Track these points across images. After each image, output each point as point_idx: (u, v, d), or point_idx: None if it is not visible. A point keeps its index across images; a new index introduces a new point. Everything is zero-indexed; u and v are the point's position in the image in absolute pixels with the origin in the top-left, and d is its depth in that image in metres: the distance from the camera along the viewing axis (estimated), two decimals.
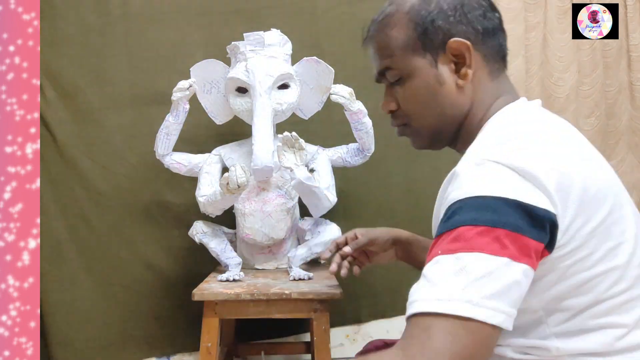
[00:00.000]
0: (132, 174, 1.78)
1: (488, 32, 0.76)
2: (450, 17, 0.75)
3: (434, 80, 0.76)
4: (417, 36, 0.76)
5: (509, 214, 0.59)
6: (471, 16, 0.75)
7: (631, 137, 2.09)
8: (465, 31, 0.75)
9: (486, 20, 0.77)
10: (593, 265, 0.64)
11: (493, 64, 0.77)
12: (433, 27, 0.75)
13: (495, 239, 0.58)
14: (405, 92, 0.79)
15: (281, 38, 1.51)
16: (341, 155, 1.60)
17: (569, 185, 0.62)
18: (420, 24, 0.76)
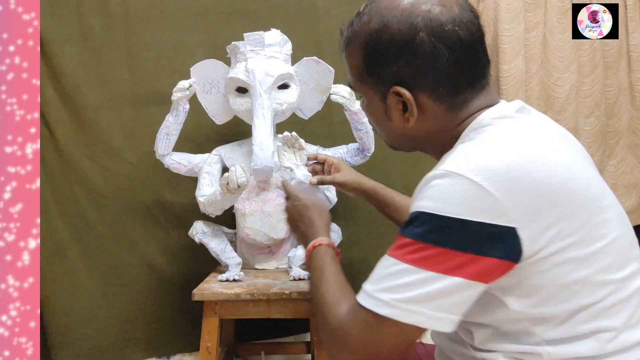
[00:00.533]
0: (132, 174, 1.78)
1: (441, 74, 0.72)
2: (393, 65, 0.73)
3: (382, 112, 0.78)
4: (367, 70, 0.76)
5: (456, 234, 0.63)
6: (420, 61, 0.71)
7: (631, 137, 2.09)
8: (414, 75, 0.72)
9: (439, 63, 0.71)
10: (572, 271, 0.65)
11: (455, 97, 0.74)
12: (382, 69, 0.74)
13: (431, 255, 0.64)
14: (365, 107, 0.84)
15: (281, 38, 1.51)
16: (341, 155, 1.60)
17: (536, 197, 0.64)
18: (371, 58, 0.75)
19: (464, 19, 0.72)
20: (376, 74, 0.75)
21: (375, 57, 0.74)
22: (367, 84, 0.78)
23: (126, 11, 1.78)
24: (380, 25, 0.73)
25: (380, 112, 0.78)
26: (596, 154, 2.04)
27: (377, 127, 0.84)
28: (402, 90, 0.73)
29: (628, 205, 2.08)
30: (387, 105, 0.76)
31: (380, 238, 1.79)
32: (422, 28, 0.71)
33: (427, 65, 0.71)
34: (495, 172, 0.64)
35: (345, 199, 1.74)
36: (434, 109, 0.74)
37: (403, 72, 0.73)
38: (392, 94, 0.74)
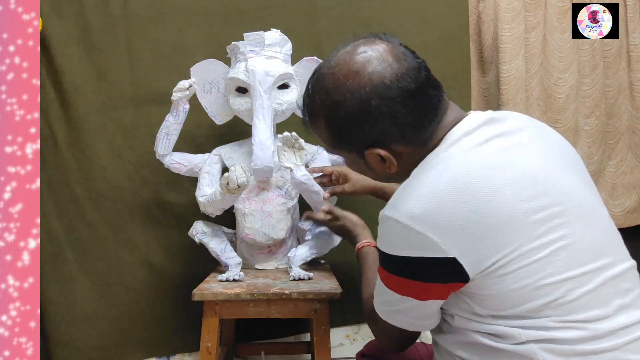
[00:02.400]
0: (132, 174, 1.78)
1: (405, 125, 0.77)
2: (366, 124, 0.77)
3: (364, 166, 0.84)
4: (337, 141, 0.82)
5: (406, 267, 0.74)
6: (385, 120, 0.76)
7: (631, 137, 2.09)
8: (383, 131, 0.77)
9: (402, 114, 0.76)
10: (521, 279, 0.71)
11: (419, 135, 0.78)
12: (351, 136, 0.79)
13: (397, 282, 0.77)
14: (346, 163, 0.89)
15: (281, 38, 1.51)
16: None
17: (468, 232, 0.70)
18: (336, 132, 0.81)
19: (404, 70, 0.76)
20: (346, 143, 0.81)
21: (340, 130, 0.80)
22: (342, 149, 0.84)
23: (126, 11, 1.78)
24: (334, 105, 0.78)
25: (362, 166, 0.85)
26: (596, 154, 2.04)
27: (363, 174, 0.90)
28: (376, 152, 0.79)
29: (628, 205, 2.08)
30: (367, 161, 0.82)
31: None
32: (372, 96, 0.75)
33: (390, 123, 0.76)
34: (425, 216, 0.70)
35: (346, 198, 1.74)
36: (408, 151, 0.79)
37: (371, 136, 0.78)
38: (368, 155, 0.81)
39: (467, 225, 0.69)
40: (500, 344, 0.73)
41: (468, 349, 0.78)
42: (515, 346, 0.72)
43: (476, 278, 0.72)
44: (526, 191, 0.71)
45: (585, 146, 2.03)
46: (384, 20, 1.87)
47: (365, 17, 1.87)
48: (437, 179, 0.72)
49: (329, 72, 0.79)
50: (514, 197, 0.71)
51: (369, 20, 1.87)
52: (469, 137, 0.77)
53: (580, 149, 2.02)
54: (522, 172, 0.73)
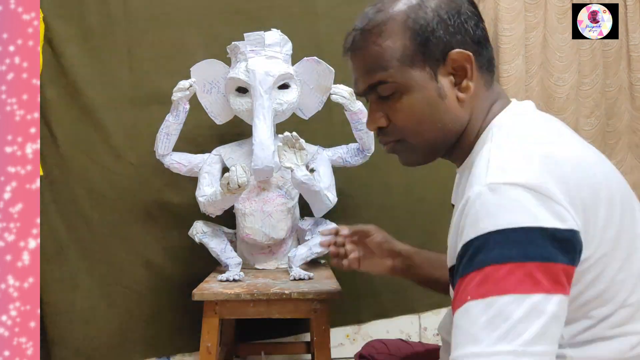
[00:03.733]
0: (132, 174, 1.78)
1: (481, 42, 0.73)
2: (450, 27, 0.70)
3: (435, 94, 0.71)
4: (416, 47, 0.70)
5: (535, 244, 0.56)
6: (468, 26, 0.71)
7: (631, 137, 2.09)
8: (464, 41, 0.71)
9: (479, 30, 0.73)
10: (614, 274, 0.62)
11: (487, 74, 0.74)
12: (433, 37, 0.70)
13: (527, 275, 0.55)
14: (402, 107, 0.73)
15: (281, 38, 1.51)
16: (341, 155, 1.60)
17: (590, 196, 0.60)
18: (420, 34, 0.70)
19: None
20: (427, 49, 0.70)
21: (425, 30, 0.70)
22: (415, 65, 0.71)
23: (126, 11, 1.78)
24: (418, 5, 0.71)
25: (432, 96, 0.71)
26: None
27: (419, 124, 0.73)
28: (461, 52, 0.70)
29: None
30: (439, 84, 0.71)
31: None
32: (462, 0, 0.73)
33: (473, 30, 0.71)
34: (551, 175, 0.59)
35: (345, 199, 1.74)
36: (478, 81, 0.72)
37: (455, 39, 0.70)
38: (448, 62, 0.71)
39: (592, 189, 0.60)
40: None
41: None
42: None
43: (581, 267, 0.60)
44: None
45: None
46: None
47: None
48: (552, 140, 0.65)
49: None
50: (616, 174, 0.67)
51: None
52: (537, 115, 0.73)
53: None
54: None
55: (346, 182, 1.75)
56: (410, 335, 1.89)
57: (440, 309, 1.88)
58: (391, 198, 1.86)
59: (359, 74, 0.76)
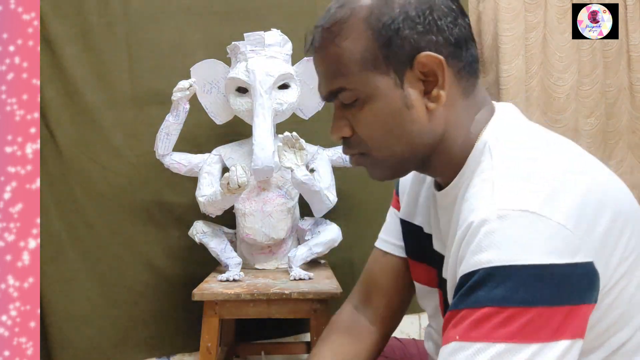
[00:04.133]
0: (132, 174, 1.78)
1: (460, 43, 0.63)
2: (419, 25, 0.61)
3: (400, 103, 0.63)
4: (379, 48, 0.62)
5: (548, 284, 0.50)
6: (442, 24, 0.62)
7: (631, 137, 2.09)
8: (436, 42, 0.61)
9: (457, 29, 0.63)
10: (631, 295, 0.57)
11: (467, 79, 0.65)
12: (398, 38, 0.61)
13: (529, 322, 0.49)
14: (364, 116, 0.65)
15: (281, 38, 1.51)
16: (341, 155, 1.60)
17: (605, 217, 0.54)
18: (383, 34, 0.61)
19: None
20: (391, 51, 0.62)
21: (389, 29, 0.61)
22: (378, 70, 0.63)
23: (126, 11, 1.78)
24: (384, 1, 0.62)
25: (397, 105, 0.63)
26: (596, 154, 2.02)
27: (383, 136, 0.66)
28: (431, 56, 0.61)
29: None
30: (405, 89, 0.63)
31: None
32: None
33: (449, 29, 0.62)
34: (565, 200, 0.53)
35: (346, 198, 1.74)
36: (452, 89, 0.63)
37: (425, 40, 0.61)
38: (416, 67, 0.62)
39: (606, 221, 0.54)
40: None
41: None
42: None
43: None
44: None
45: (585, 146, 2.02)
46: None
47: None
48: (563, 158, 0.59)
49: None
50: None
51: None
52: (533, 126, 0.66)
53: None
54: None
55: (346, 182, 1.75)
56: (410, 335, 1.89)
57: None
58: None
59: (320, 77, 0.69)
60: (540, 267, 0.50)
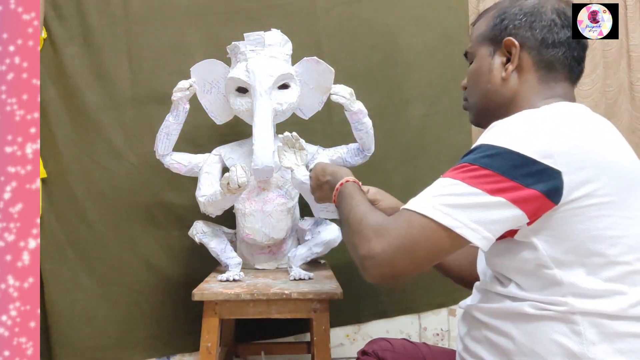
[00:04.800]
0: (132, 174, 1.78)
1: (547, 43, 0.85)
2: (517, 21, 0.86)
3: (486, 68, 0.89)
4: (490, 29, 0.89)
5: (508, 161, 0.71)
6: (535, 25, 0.85)
7: (631, 137, 2.09)
8: (524, 36, 0.85)
9: (550, 33, 0.85)
10: (606, 229, 0.71)
11: (547, 72, 0.85)
12: (502, 25, 0.87)
13: (482, 176, 0.71)
14: (469, 71, 0.94)
15: (281, 38, 1.51)
16: (341, 155, 1.60)
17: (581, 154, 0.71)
18: (497, 21, 0.88)
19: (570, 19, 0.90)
20: (496, 32, 0.88)
21: (502, 18, 0.88)
22: (484, 44, 0.90)
23: (126, 11, 1.78)
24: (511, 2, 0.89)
25: (484, 68, 0.89)
26: None
27: (473, 87, 0.92)
28: (512, 40, 0.85)
29: None
30: (492, 60, 0.89)
31: None
32: (549, 7, 0.86)
33: (541, 32, 0.84)
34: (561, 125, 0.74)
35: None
36: (529, 72, 0.86)
37: (518, 31, 0.86)
38: (503, 45, 0.86)
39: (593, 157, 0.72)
40: (543, 311, 0.72)
41: (509, 318, 0.76)
42: (559, 314, 0.72)
43: (564, 207, 0.71)
44: None
45: None
46: (384, 20, 1.87)
47: (365, 17, 1.87)
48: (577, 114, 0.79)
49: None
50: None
51: (369, 20, 1.87)
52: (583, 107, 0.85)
53: None
54: None
55: None
56: (410, 335, 1.89)
57: (440, 309, 1.88)
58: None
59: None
60: (507, 150, 0.71)
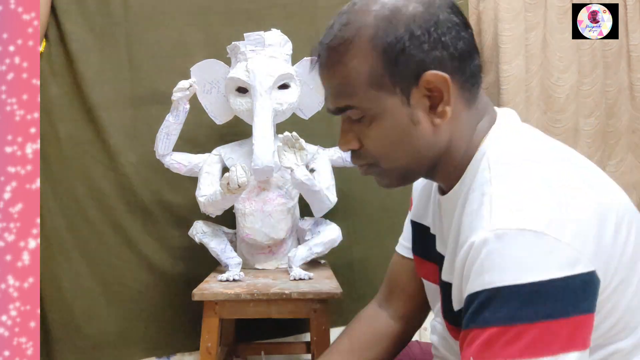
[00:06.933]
0: (132, 173, 1.78)
1: (464, 56, 0.64)
2: (424, 44, 0.62)
3: (407, 120, 0.65)
4: (385, 68, 0.63)
5: (551, 299, 0.52)
6: (446, 39, 0.62)
7: (631, 137, 2.09)
8: (441, 59, 0.62)
9: (461, 42, 0.64)
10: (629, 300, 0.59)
11: (470, 90, 0.66)
12: (404, 57, 0.62)
13: (537, 337, 0.52)
14: (372, 132, 0.67)
15: (281, 38, 1.51)
16: (341, 155, 1.60)
17: (603, 228, 0.57)
18: (388, 54, 0.62)
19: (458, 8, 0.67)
20: (397, 70, 0.63)
21: (395, 48, 0.62)
22: (384, 89, 0.64)
23: (126, 11, 1.78)
24: (391, 11, 0.63)
25: (403, 122, 0.65)
26: (596, 154, 2.04)
27: (392, 150, 0.68)
28: (437, 74, 0.62)
29: None
30: (412, 107, 0.64)
31: (381, 238, 1.79)
32: (438, 4, 0.64)
33: (453, 44, 0.63)
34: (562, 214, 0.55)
35: (346, 198, 1.74)
36: (457, 102, 0.65)
37: (430, 57, 0.62)
38: (422, 85, 0.63)
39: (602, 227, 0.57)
40: None
41: None
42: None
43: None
44: None
45: (585, 146, 2.03)
46: None
47: None
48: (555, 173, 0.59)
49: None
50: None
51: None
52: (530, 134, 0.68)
53: (580, 149, 2.02)
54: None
55: (346, 182, 1.75)
56: None
57: None
58: (391, 198, 1.86)
59: (327, 93, 0.69)
60: (540, 283, 0.52)
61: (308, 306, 1.29)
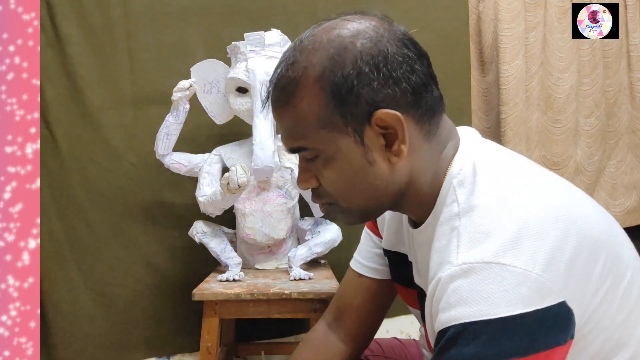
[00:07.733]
0: (132, 174, 1.78)
1: (419, 90, 0.61)
2: (374, 82, 0.59)
3: (362, 160, 0.62)
4: (334, 108, 0.60)
5: (519, 335, 0.50)
6: (397, 75, 0.59)
7: (631, 137, 2.09)
8: (393, 96, 0.59)
9: (415, 76, 0.61)
10: (612, 321, 0.58)
11: (429, 122, 0.63)
12: (353, 96, 0.59)
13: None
14: (327, 173, 0.64)
15: (281, 38, 1.52)
16: None
17: (576, 255, 0.55)
18: (337, 93, 0.60)
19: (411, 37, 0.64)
20: (347, 110, 0.60)
21: (343, 88, 0.59)
22: (336, 130, 0.61)
23: (126, 11, 1.77)
24: (337, 49, 0.60)
25: (358, 162, 0.62)
26: (596, 154, 2.04)
27: (350, 189, 0.65)
28: (389, 113, 0.59)
29: (628, 205, 2.08)
30: (366, 146, 0.61)
31: None
32: (387, 38, 0.60)
33: (406, 78, 0.60)
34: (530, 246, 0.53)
35: None
36: (415, 137, 0.62)
37: (381, 94, 0.59)
38: (375, 124, 0.60)
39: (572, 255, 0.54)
40: None
41: None
42: None
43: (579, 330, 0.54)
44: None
45: (585, 146, 2.03)
46: None
47: None
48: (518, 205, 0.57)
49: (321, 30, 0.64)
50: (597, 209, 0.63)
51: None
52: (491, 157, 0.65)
53: (580, 149, 2.02)
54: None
55: None
56: (410, 335, 1.89)
57: None
58: None
59: (281, 132, 0.67)
60: (508, 319, 0.50)
61: (308, 306, 1.29)
